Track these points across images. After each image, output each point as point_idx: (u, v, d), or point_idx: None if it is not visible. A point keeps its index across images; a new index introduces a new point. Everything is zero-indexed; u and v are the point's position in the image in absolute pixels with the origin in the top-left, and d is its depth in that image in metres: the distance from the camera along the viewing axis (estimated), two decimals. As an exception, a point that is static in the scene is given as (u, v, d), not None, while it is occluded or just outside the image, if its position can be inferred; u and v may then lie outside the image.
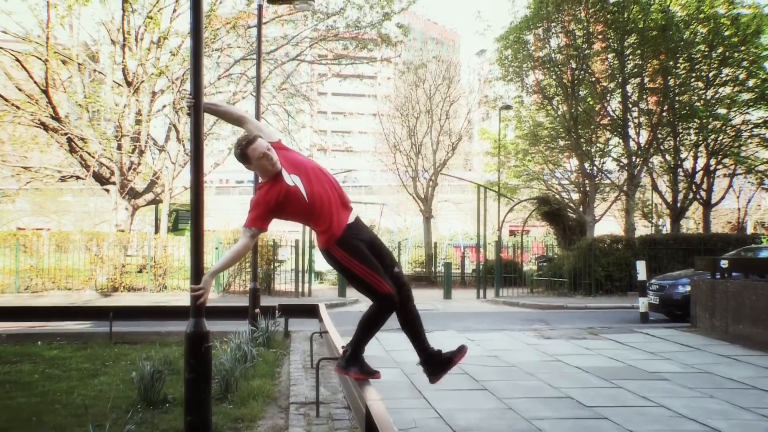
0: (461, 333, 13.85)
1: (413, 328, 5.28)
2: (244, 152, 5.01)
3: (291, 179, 4.86)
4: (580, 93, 29.29)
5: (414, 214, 45.65)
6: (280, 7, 25.94)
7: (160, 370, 7.36)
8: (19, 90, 26.66)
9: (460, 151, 46.54)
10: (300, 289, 24.72)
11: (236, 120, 5.45)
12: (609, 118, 30.00)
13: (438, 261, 35.88)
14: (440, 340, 12.72)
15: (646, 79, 29.46)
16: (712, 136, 29.11)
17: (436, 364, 5.24)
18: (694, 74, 28.57)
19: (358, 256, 4.97)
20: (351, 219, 5.08)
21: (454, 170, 46.77)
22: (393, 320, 5.24)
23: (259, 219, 4.88)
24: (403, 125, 40.62)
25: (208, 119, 5.37)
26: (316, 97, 49.74)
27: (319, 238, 5.12)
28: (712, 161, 30.11)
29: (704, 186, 30.54)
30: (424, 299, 24.72)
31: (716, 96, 28.71)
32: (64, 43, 27.48)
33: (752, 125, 29.24)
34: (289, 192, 4.82)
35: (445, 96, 39.49)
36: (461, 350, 5.26)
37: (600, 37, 29.22)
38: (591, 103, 29.64)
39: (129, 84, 26.82)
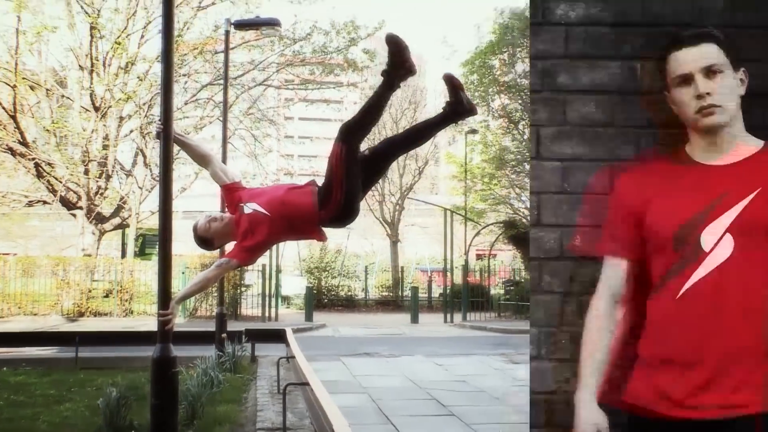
0: (429, 358, 13.92)
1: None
2: (198, 237, 4.95)
3: (248, 207, 4.82)
4: (546, 118, 29.57)
5: (381, 238, 45.69)
6: (247, 32, 26.03)
7: (126, 395, 7.33)
8: (-14, 116, 26.46)
9: (427, 174, 46.86)
10: (267, 314, 24.71)
11: (201, 157, 5.30)
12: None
13: (405, 285, 35.95)
14: (407, 366, 12.82)
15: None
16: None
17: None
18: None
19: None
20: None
21: (420, 194, 47.06)
22: (361, 344, 5.30)
23: (233, 251, 4.88)
24: (369, 149, 40.78)
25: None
26: (283, 121, 49.67)
27: (317, 236, 4.83)
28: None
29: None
30: (391, 323, 24.83)
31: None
32: (33, 69, 27.33)
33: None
34: (251, 218, 4.78)
35: (412, 120, 39.69)
36: None
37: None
38: (556, 127, 29.99)
39: (96, 109, 26.71)
